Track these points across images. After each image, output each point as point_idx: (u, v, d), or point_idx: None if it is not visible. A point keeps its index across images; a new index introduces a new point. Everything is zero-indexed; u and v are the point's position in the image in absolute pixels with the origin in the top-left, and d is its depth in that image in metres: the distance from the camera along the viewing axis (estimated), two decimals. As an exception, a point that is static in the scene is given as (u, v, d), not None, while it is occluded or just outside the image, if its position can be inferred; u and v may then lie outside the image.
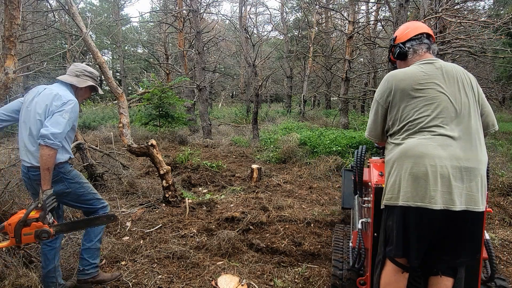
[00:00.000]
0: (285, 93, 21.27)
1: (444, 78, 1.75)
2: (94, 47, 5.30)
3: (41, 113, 2.16)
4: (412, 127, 1.73)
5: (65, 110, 2.14)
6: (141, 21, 23.02)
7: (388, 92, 1.82)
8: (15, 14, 2.76)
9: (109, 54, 31.61)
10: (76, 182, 2.30)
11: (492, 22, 5.68)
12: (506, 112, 17.72)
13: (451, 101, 1.70)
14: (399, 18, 6.29)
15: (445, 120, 1.68)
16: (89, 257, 2.32)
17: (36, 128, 2.15)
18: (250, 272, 2.70)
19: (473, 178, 1.61)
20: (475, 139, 1.67)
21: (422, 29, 1.93)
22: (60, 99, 2.18)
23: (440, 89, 1.72)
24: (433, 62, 1.81)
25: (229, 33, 21.35)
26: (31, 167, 2.16)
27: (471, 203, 1.61)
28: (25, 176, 2.22)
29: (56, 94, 2.21)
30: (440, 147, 1.63)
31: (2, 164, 4.77)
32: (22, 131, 2.21)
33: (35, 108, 2.18)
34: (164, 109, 10.08)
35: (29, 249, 2.85)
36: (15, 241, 1.97)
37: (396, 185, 1.70)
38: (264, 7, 30.12)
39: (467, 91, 1.73)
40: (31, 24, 10.11)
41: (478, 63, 10.57)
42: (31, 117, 2.18)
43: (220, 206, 4.30)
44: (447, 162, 1.61)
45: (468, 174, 1.61)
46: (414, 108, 1.73)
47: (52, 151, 2.03)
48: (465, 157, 1.62)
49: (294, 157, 6.97)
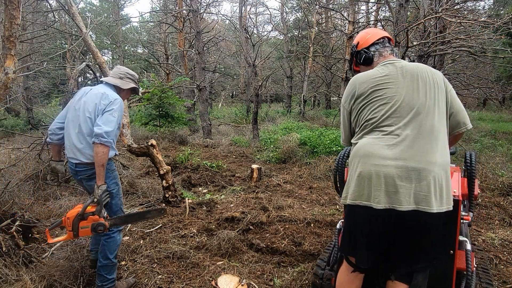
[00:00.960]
0: (285, 93, 21.26)
1: (403, 77, 1.73)
2: (94, 47, 5.30)
3: (91, 111, 2.27)
4: (367, 127, 1.73)
5: (114, 109, 2.27)
6: (141, 21, 23.03)
7: (351, 95, 1.83)
8: (15, 14, 2.75)
9: (109, 54, 31.61)
10: (115, 182, 2.42)
11: (492, 22, 5.67)
12: (506, 112, 17.70)
13: (406, 100, 1.67)
14: (399, 18, 6.29)
15: (398, 120, 1.65)
16: (106, 273, 2.36)
17: (86, 126, 2.27)
18: (250, 272, 2.70)
19: (423, 178, 1.56)
20: (430, 139, 1.61)
21: (382, 34, 1.95)
22: (107, 98, 2.30)
23: (396, 89, 1.70)
24: (394, 63, 1.80)
25: (229, 33, 21.34)
26: (79, 163, 2.29)
27: (421, 203, 1.56)
28: (73, 172, 2.35)
29: (104, 93, 2.33)
30: (387, 147, 1.62)
31: (2, 164, 4.77)
32: (70, 130, 2.32)
33: (84, 107, 2.30)
34: (164, 109, 10.08)
35: (29, 249, 2.86)
36: (73, 235, 2.10)
37: (348, 184, 1.72)
38: (264, 7, 30.13)
39: (428, 90, 1.68)
40: (31, 24, 10.12)
41: (478, 63, 10.56)
42: (80, 116, 2.29)
43: (220, 206, 4.30)
44: (392, 162, 1.59)
45: (417, 174, 1.57)
46: (371, 108, 1.73)
47: (105, 149, 2.16)
48: (413, 157, 1.58)
49: (294, 157, 6.97)
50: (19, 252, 2.67)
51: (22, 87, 13.42)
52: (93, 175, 2.25)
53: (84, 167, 2.28)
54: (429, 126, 1.62)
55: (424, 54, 6.28)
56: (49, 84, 18.40)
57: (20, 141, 8.19)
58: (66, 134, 2.37)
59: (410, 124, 1.63)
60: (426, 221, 1.59)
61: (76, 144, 2.28)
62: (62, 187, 4.55)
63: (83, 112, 2.29)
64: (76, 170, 2.32)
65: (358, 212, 1.68)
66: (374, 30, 2.01)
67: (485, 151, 7.64)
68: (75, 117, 2.31)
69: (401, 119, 1.65)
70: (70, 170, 2.39)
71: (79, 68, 4.99)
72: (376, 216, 1.62)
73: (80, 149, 2.27)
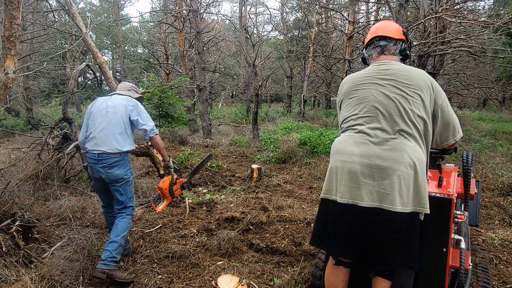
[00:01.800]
0: (285, 93, 21.27)
1: (381, 79, 1.75)
2: (94, 47, 5.31)
3: (123, 111, 2.75)
4: (344, 125, 1.83)
5: (142, 109, 2.83)
6: (141, 21, 23.03)
7: (339, 94, 1.96)
8: (15, 14, 2.76)
9: (109, 54, 31.60)
10: (131, 173, 2.83)
11: (492, 22, 5.66)
12: (506, 112, 17.71)
13: (381, 101, 1.71)
14: (399, 18, 6.29)
15: (369, 119, 1.71)
16: (113, 250, 2.53)
17: (117, 123, 2.71)
18: (250, 272, 2.70)
19: (387, 177, 1.59)
20: (396, 139, 1.64)
21: (376, 33, 1.94)
22: (131, 101, 2.84)
23: (372, 90, 1.75)
24: (379, 64, 1.84)
25: (229, 33, 21.34)
26: (101, 153, 2.66)
27: (384, 201, 1.58)
28: (93, 161, 2.67)
29: (127, 97, 2.86)
30: (355, 144, 1.69)
31: (2, 164, 4.78)
32: (97, 128, 2.70)
33: (115, 110, 2.74)
34: (164, 109, 10.07)
35: (29, 249, 2.86)
36: (171, 198, 2.98)
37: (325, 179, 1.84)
38: (264, 7, 30.14)
39: (401, 94, 1.69)
40: (31, 24, 10.12)
41: (478, 63, 10.55)
42: (110, 116, 2.72)
43: (220, 206, 4.30)
44: (357, 159, 1.65)
45: (381, 172, 1.60)
46: (348, 107, 1.82)
47: (158, 137, 2.83)
48: (379, 155, 1.62)
49: (294, 157, 6.97)
50: (19, 252, 2.67)
51: (22, 87, 13.41)
52: (114, 163, 2.66)
53: (107, 156, 2.66)
54: (397, 128, 1.65)
55: (424, 54, 6.28)
56: (49, 84, 18.40)
57: (20, 141, 8.20)
58: (91, 131, 2.72)
59: (381, 124, 1.68)
60: (389, 219, 1.59)
61: (101, 138, 2.67)
62: (62, 187, 4.55)
63: (114, 113, 2.72)
64: (98, 159, 2.66)
65: (328, 206, 1.75)
66: (372, 29, 2.01)
67: (485, 151, 7.65)
68: (103, 117, 2.72)
69: (373, 119, 1.70)
70: (89, 160, 2.72)
71: (79, 68, 4.99)
72: (342, 210, 1.68)
73: (104, 141, 2.66)
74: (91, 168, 2.73)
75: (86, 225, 3.50)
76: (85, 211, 3.86)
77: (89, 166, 2.76)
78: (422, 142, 1.68)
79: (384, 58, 1.89)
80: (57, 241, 3.09)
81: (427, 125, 1.69)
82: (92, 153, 2.69)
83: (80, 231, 3.10)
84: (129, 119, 2.76)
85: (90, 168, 2.77)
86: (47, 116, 11.83)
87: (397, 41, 1.89)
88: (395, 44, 1.89)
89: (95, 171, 2.71)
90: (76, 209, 3.84)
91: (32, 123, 13.09)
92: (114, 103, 2.78)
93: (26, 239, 3.01)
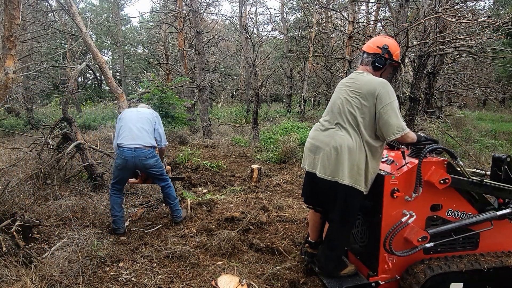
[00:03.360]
0: (285, 93, 21.25)
1: (345, 85, 2.38)
2: (94, 47, 5.30)
3: (151, 118, 3.59)
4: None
5: (160, 122, 3.73)
6: (141, 21, 23.03)
7: None
8: (15, 14, 2.76)
9: (109, 54, 31.60)
10: (161, 161, 3.65)
11: (492, 22, 5.66)
12: (506, 112, 17.71)
13: (335, 101, 2.38)
14: (399, 18, 6.29)
15: (326, 114, 2.47)
16: (177, 208, 3.70)
17: (148, 125, 3.51)
18: (250, 272, 2.70)
19: (318, 153, 2.35)
20: (333, 129, 2.33)
21: (363, 48, 2.47)
22: (153, 112, 3.74)
23: (337, 93, 2.41)
24: (352, 74, 2.44)
25: (229, 33, 21.33)
26: (137, 147, 3.34)
27: (314, 168, 2.39)
28: (130, 155, 3.31)
29: (150, 108, 3.85)
30: (313, 131, 2.51)
31: (2, 164, 4.78)
32: (131, 127, 3.42)
33: (145, 116, 3.56)
34: (164, 109, 10.08)
35: (29, 249, 2.86)
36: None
37: None
38: (264, 7, 30.10)
39: (350, 96, 2.29)
40: (31, 24, 10.11)
41: (478, 63, 10.55)
42: (143, 119, 3.52)
43: (220, 206, 4.30)
44: (310, 140, 2.49)
45: (316, 149, 2.39)
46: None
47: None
48: (319, 138, 2.39)
49: (294, 157, 6.97)
50: (19, 252, 2.67)
51: (22, 87, 13.41)
52: (148, 155, 3.39)
53: (142, 150, 3.35)
54: (336, 121, 2.33)
55: (424, 54, 6.27)
56: (49, 84, 18.39)
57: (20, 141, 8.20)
58: (125, 130, 3.41)
59: (330, 118, 2.40)
60: (318, 182, 2.36)
61: (138, 134, 3.38)
62: (62, 187, 4.55)
63: (146, 118, 3.54)
64: (134, 153, 3.32)
65: (306, 172, 2.55)
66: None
67: (485, 151, 7.65)
68: (138, 120, 3.48)
69: (329, 114, 2.43)
70: (126, 154, 3.31)
71: (79, 68, 4.99)
72: (306, 173, 2.56)
73: (140, 137, 3.38)
74: (125, 161, 3.32)
75: (86, 225, 3.50)
76: (85, 211, 3.86)
77: (122, 158, 3.32)
78: (355, 133, 2.24)
79: (360, 68, 2.42)
80: (57, 241, 3.09)
81: (357, 122, 2.23)
82: (127, 148, 3.31)
83: (80, 231, 3.10)
84: (154, 125, 3.58)
85: (122, 160, 3.34)
86: (47, 116, 11.84)
87: (369, 54, 2.38)
88: (367, 57, 2.38)
89: (129, 163, 3.33)
90: (76, 209, 3.84)
91: (32, 123, 13.09)
92: (142, 110, 3.62)
93: (26, 239, 3.01)
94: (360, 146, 2.23)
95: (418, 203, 2.27)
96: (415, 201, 2.24)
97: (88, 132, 11.05)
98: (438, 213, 2.32)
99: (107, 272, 2.72)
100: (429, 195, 2.26)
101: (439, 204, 2.30)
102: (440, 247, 2.35)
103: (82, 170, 4.96)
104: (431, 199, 2.29)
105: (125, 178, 3.55)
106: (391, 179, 2.22)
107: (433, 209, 2.30)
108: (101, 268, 2.76)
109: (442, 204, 2.31)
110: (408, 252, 2.22)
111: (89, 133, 10.86)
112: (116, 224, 3.44)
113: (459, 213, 2.34)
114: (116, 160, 3.45)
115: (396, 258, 2.30)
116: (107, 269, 2.76)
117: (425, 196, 2.25)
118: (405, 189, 2.23)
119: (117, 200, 3.48)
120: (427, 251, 2.33)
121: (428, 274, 2.17)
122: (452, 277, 2.22)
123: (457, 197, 2.33)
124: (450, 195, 2.31)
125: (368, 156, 2.23)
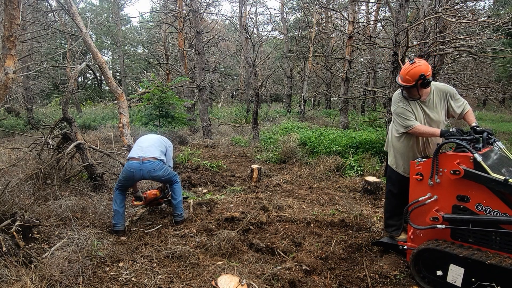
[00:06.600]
0: (285, 93, 21.25)
1: None
2: (94, 47, 5.30)
3: (162, 140, 3.90)
4: None
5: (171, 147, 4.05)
6: (141, 21, 23.04)
7: None
8: (15, 14, 2.76)
9: (109, 54, 31.61)
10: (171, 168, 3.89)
11: (492, 22, 5.67)
12: (506, 112, 17.71)
13: None
14: (399, 18, 6.29)
15: None
16: (180, 206, 3.75)
17: (159, 142, 3.81)
18: (250, 272, 2.70)
19: None
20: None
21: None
22: (167, 140, 4.05)
23: None
24: None
25: (229, 33, 21.34)
26: (146, 159, 3.49)
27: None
28: (138, 168, 3.46)
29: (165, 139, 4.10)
30: None
31: (2, 164, 4.78)
32: (143, 144, 3.69)
33: (156, 137, 3.88)
34: (164, 109, 10.07)
35: (29, 249, 2.85)
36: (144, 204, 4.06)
37: None
38: (264, 7, 30.10)
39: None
40: (31, 24, 10.12)
41: (478, 63, 10.56)
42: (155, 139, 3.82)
43: (220, 206, 4.30)
44: None
45: None
46: None
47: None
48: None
49: (294, 157, 6.96)
50: (19, 252, 2.67)
51: (22, 87, 13.41)
52: (156, 167, 3.52)
53: (150, 161, 3.50)
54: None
55: (424, 54, 6.27)
56: (49, 84, 18.40)
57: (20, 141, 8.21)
58: (136, 148, 3.65)
59: None
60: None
61: (148, 148, 3.60)
62: (62, 187, 4.55)
63: (157, 138, 3.85)
64: (142, 165, 3.46)
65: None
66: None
67: (485, 151, 7.63)
68: (148, 140, 3.77)
69: None
70: (134, 166, 3.47)
71: (79, 68, 4.99)
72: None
73: (150, 150, 3.59)
74: (132, 173, 3.47)
75: (86, 225, 3.50)
76: (85, 211, 3.86)
77: (129, 171, 3.47)
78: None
79: None
80: (57, 241, 3.09)
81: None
82: (136, 160, 3.49)
83: (80, 231, 3.10)
84: (166, 146, 3.84)
85: (129, 173, 3.48)
86: (47, 116, 11.84)
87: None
88: None
89: (137, 175, 3.49)
90: (76, 209, 3.84)
91: (32, 123, 13.09)
92: (155, 135, 3.96)
93: (26, 239, 3.01)
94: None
95: (444, 190, 2.47)
96: (440, 187, 2.48)
97: (88, 132, 11.06)
98: (466, 204, 2.40)
99: (107, 272, 2.72)
100: (455, 185, 2.42)
101: (466, 196, 2.39)
102: (471, 238, 2.39)
103: (82, 170, 4.96)
104: (457, 189, 2.42)
105: (131, 185, 3.74)
106: (415, 165, 2.57)
107: (460, 199, 2.42)
108: (101, 268, 2.76)
109: (470, 196, 2.38)
110: (423, 227, 2.51)
111: (89, 133, 10.86)
112: (115, 220, 3.46)
113: (491, 210, 2.30)
114: (123, 171, 3.56)
115: (422, 232, 2.61)
116: (107, 269, 2.76)
117: (450, 185, 2.43)
118: (428, 174, 2.53)
119: (119, 196, 3.56)
120: (455, 236, 2.46)
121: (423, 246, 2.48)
122: (451, 259, 2.34)
123: (488, 194, 2.30)
124: (480, 190, 2.33)
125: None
